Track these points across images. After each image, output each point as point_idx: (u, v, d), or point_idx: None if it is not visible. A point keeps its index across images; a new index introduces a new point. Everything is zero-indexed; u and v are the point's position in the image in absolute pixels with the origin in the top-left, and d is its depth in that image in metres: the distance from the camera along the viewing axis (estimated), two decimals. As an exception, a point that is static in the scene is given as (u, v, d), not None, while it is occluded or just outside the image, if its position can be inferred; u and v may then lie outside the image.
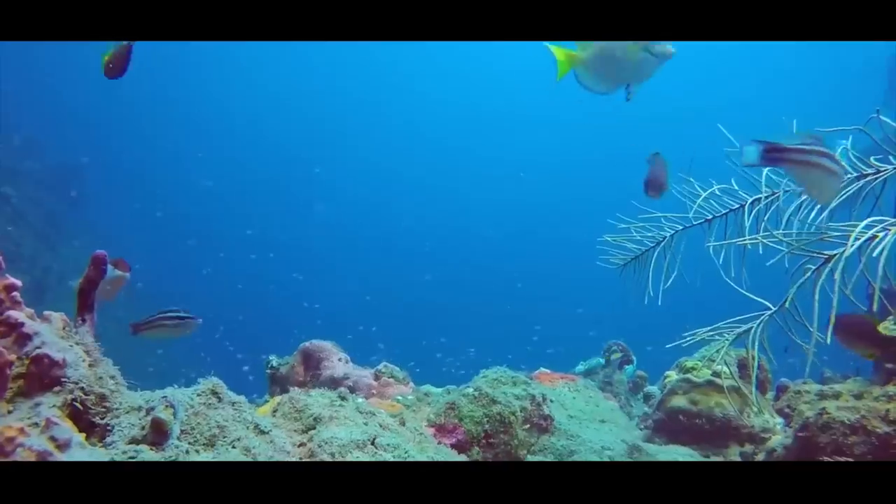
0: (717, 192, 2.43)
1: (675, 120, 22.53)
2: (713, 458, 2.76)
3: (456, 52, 23.35)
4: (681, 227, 2.54)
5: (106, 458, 1.15)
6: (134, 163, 20.62)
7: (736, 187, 2.41)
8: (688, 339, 2.07)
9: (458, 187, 26.12)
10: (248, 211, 22.85)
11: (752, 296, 1.96)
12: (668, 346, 2.11)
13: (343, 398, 1.79)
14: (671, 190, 2.48)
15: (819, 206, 2.08)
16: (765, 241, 1.99)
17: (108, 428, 1.25)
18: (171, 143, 22.42)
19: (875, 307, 1.66)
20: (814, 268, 1.84)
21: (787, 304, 1.86)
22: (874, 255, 1.69)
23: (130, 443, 1.21)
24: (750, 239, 2.11)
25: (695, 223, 2.51)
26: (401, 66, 24.20)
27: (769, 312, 1.94)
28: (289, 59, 23.32)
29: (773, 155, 1.66)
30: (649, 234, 2.60)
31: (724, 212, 2.45)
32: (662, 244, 2.58)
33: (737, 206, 2.41)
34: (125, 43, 2.36)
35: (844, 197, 2.01)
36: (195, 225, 20.01)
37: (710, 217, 2.47)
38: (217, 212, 22.11)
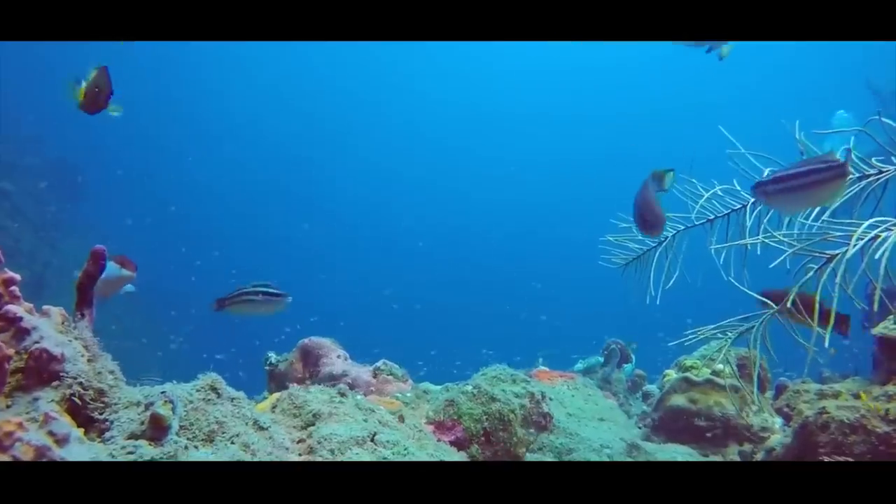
0: (720, 193, 2.43)
1: (678, 119, 22.56)
2: (712, 457, 2.76)
3: (456, 52, 23.34)
4: (682, 228, 2.53)
5: (105, 453, 1.14)
6: (133, 160, 20.60)
7: (738, 187, 2.41)
8: (689, 337, 2.07)
9: (459, 187, 26.12)
10: (247, 210, 22.86)
11: (754, 294, 1.95)
12: (670, 343, 2.11)
13: (342, 395, 1.79)
14: (673, 190, 2.47)
15: (820, 207, 2.08)
16: (768, 241, 1.99)
17: (107, 423, 1.25)
18: (171, 141, 22.40)
19: (876, 307, 1.65)
20: (816, 267, 1.84)
21: (788, 304, 1.86)
22: (876, 256, 1.69)
23: (129, 438, 1.20)
24: (752, 240, 2.11)
25: (696, 223, 2.51)
26: (401, 66, 24.19)
27: (771, 311, 1.94)
28: (289, 59, 23.29)
29: (756, 191, 1.88)
30: (650, 234, 2.59)
31: (725, 212, 2.45)
32: (664, 244, 2.57)
33: (738, 206, 2.41)
34: (97, 70, 2.32)
35: (846, 198, 2.01)
36: (195, 224, 20.00)
37: (713, 217, 2.47)
38: (216, 210, 22.10)
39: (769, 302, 1.96)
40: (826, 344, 1.74)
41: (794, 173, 1.81)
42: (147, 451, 1.16)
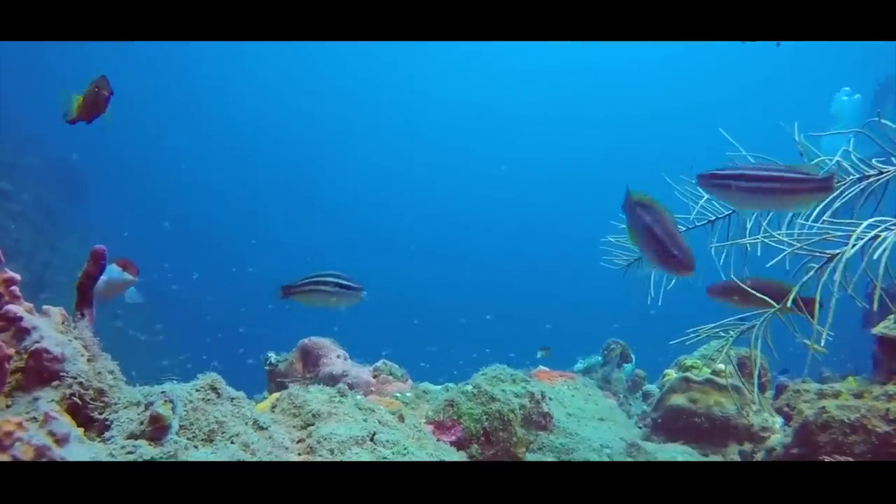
0: None
1: (678, 119, 22.56)
2: (712, 457, 2.76)
3: (456, 52, 23.34)
4: (683, 229, 2.53)
5: (104, 453, 1.14)
6: (134, 160, 20.61)
7: None
8: (690, 336, 2.07)
9: (459, 187, 26.12)
10: (246, 208, 22.87)
11: (754, 293, 1.95)
12: (671, 342, 2.11)
13: (342, 394, 1.79)
14: (674, 191, 2.47)
15: (820, 206, 2.08)
16: (768, 241, 2.00)
17: (107, 423, 1.25)
18: (172, 141, 22.42)
19: (876, 306, 1.66)
20: (817, 266, 1.84)
21: (789, 303, 1.86)
22: (875, 256, 1.69)
23: (129, 437, 1.20)
24: (752, 240, 2.11)
25: (697, 224, 2.51)
26: (401, 66, 24.18)
27: (771, 311, 1.94)
28: (289, 59, 23.30)
29: (712, 183, 1.89)
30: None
31: (726, 213, 2.45)
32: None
33: (739, 206, 2.41)
34: (95, 80, 2.36)
35: (847, 198, 2.01)
36: (195, 224, 20.00)
37: (714, 218, 2.47)
38: (215, 209, 22.11)
39: (727, 289, 1.98)
40: (821, 342, 1.74)
41: (768, 176, 1.80)
42: (147, 451, 1.16)
